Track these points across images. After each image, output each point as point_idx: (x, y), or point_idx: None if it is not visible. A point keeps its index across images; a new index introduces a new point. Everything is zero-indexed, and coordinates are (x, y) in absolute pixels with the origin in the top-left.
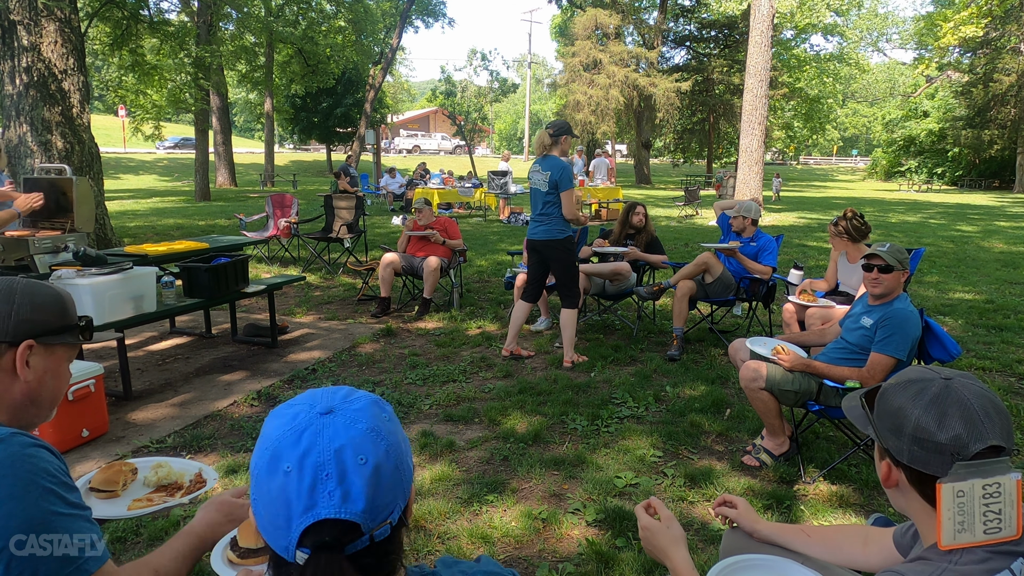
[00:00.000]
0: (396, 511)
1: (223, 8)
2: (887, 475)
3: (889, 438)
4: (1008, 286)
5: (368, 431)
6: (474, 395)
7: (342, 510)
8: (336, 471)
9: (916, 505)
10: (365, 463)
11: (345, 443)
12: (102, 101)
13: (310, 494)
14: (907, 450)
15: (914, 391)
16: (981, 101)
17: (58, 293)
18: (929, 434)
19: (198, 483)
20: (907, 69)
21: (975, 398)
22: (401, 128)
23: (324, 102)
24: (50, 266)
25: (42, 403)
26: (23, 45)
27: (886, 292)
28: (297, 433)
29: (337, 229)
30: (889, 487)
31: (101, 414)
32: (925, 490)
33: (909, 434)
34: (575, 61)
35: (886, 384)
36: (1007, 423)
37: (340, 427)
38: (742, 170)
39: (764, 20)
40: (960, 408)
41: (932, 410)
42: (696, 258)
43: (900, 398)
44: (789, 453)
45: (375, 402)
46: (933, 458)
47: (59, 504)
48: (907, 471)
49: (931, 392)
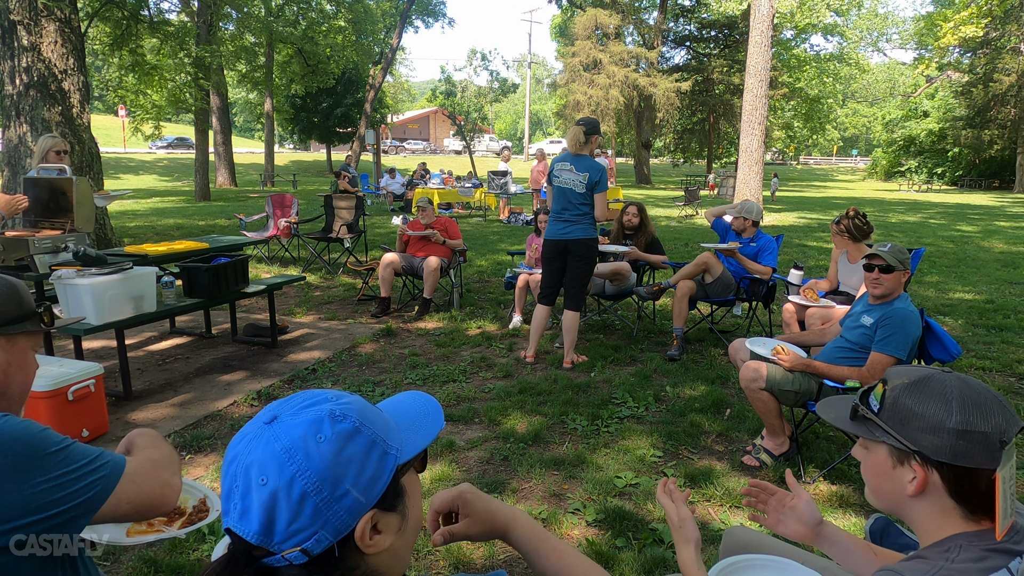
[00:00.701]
0: (317, 540)
1: (223, 8)
2: (922, 481)
3: (925, 438)
4: (1008, 286)
5: (282, 452)
6: (474, 395)
7: (239, 525)
8: (243, 486)
9: (937, 505)
10: (264, 484)
11: (255, 460)
12: (102, 101)
13: (226, 499)
14: (950, 446)
15: (935, 388)
16: (981, 101)
17: (10, 282)
18: (976, 425)
19: (200, 511)
20: (907, 69)
21: (981, 385)
22: (405, 129)
23: (324, 102)
24: (50, 266)
25: (11, 396)
26: (23, 45)
27: (887, 292)
28: (240, 436)
29: (337, 229)
30: (915, 493)
31: (101, 414)
32: (961, 485)
33: (952, 429)
34: (575, 61)
35: (895, 387)
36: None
37: (262, 442)
38: (742, 170)
39: (764, 20)
40: (988, 396)
41: (968, 401)
42: (696, 258)
43: (924, 397)
44: (789, 453)
45: (319, 421)
46: (978, 449)
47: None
48: (945, 471)
49: (952, 385)
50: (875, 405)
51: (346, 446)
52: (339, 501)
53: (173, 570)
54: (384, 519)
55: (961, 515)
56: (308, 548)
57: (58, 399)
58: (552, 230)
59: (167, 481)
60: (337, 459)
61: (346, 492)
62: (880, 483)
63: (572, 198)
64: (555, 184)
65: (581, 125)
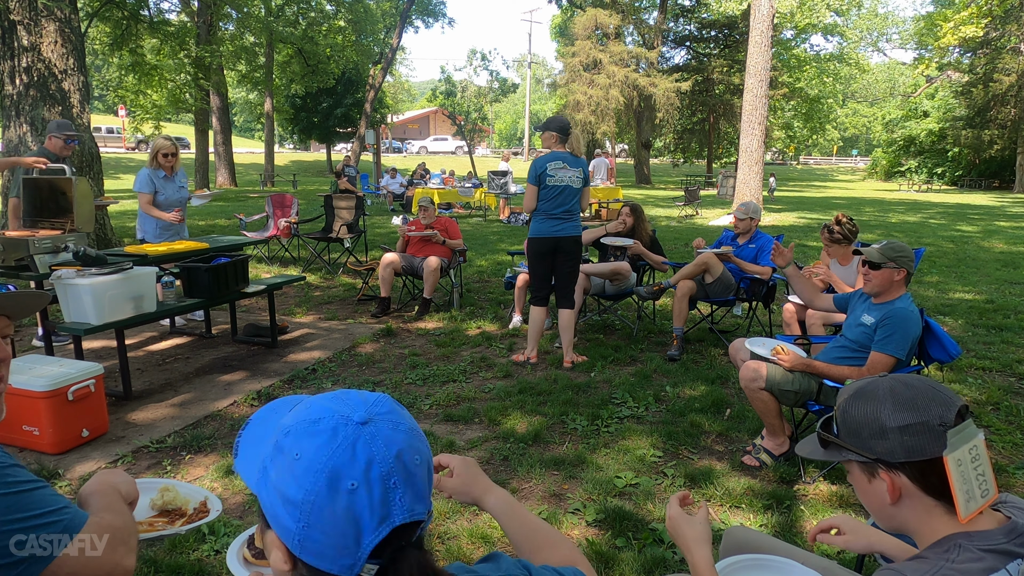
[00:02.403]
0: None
1: (223, 8)
2: (892, 488)
3: (876, 444)
4: (1008, 286)
5: (410, 430)
6: (474, 395)
7: (421, 508)
8: (402, 476)
9: (918, 510)
10: (421, 462)
11: (402, 447)
12: (102, 101)
13: (383, 505)
14: (900, 445)
15: (869, 394)
16: (981, 101)
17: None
18: (912, 418)
19: (201, 512)
20: (907, 69)
21: (915, 379)
22: (405, 129)
23: (324, 102)
24: (50, 266)
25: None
26: (23, 45)
27: (879, 290)
28: (349, 448)
29: (337, 229)
30: (894, 501)
31: (101, 414)
32: (929, 480)
33: (894, 428)
34: (575, 61)
35: (838, 408)
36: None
37: (389, 432)
38: (742, 170)
39: (764, 20)
40: (918, 387)
41: (900, 398)
42: (696, 258)
43: (862, 406)
44: (789, 453)
45: (392, 399)
46: (926, 440)
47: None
48: (908, 470)
49: (884, 388)
50: (836, 428)
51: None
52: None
53: (173, 570)
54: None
55: (944, 511)
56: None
57: (58, 399)
58: (544, 228)
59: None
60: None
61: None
62: (869, 502)
63: (569, 195)
64: (550, 184)
65: (559, 125)
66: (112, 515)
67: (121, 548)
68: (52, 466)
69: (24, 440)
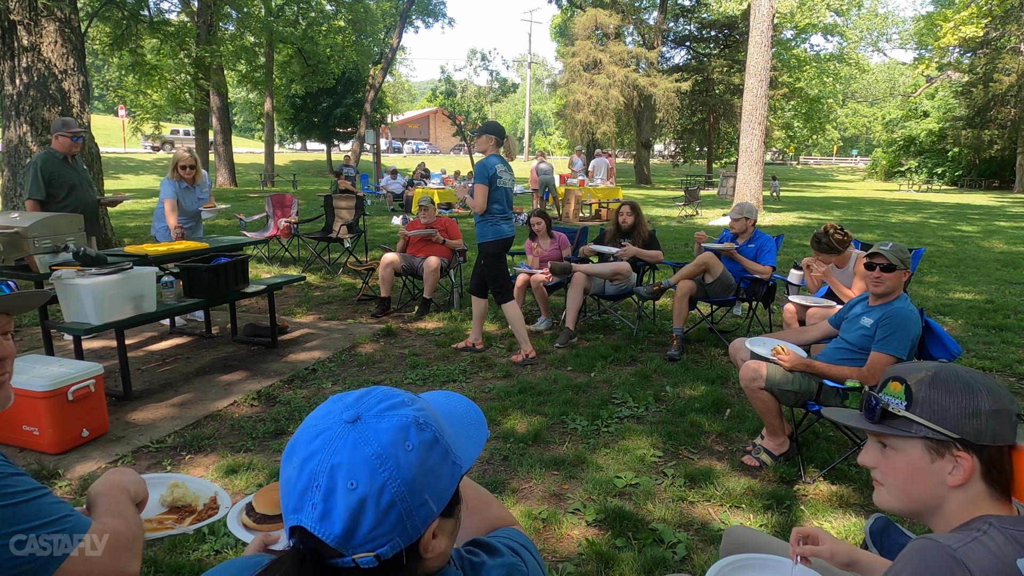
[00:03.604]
0: (391, 546)
1: (223, 8)
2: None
3: (968, 424)
4: (1008, 286)
5: (373, 457)
6: (474, 395)
7: (318, 527)
8: (325, 486)
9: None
10: (354, 489)
11: (343, 462)
12: (102, 101)
13: (299, 497)
14: (988, 428)
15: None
16: (981, 101)
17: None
18: (1003, 404)
19: (211, 509)
20: (907, 69)
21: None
22: (405, 129)
23: (324, 102)
24: (50, 266)
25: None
26: (23, 45)
27: (888, 291)
28: (316, 432)
29: (337, 229)
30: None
31: (101, 414)
32: (994, 467)
33: (988, 411)
34: (575, 61)
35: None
36: None
37: (349, 443)
38: (742, 170)
39: (764, 20)
40: (990, 379)
41: (990, 386)
42: (696, 258)
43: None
44: (789, 453)
45: (405, 427)
46: (1007, 428)
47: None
48: (984, 452)
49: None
50: (898, 403)
51: (428, 456)
52: (419, 510)
53: (173, 570)
54: (443, 525)
55: (989, 497)
56: (382, 554)
57: (58, 399)
58: (503, 229)
59: (121, 567)
60: (422, 469)
61: (424, 502)
62: (913, 481)
63: (510, 197)
64: (500, 185)
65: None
66: (117, 519)
67: (125, 554)
68: (52, 466)
69: (24, 440)
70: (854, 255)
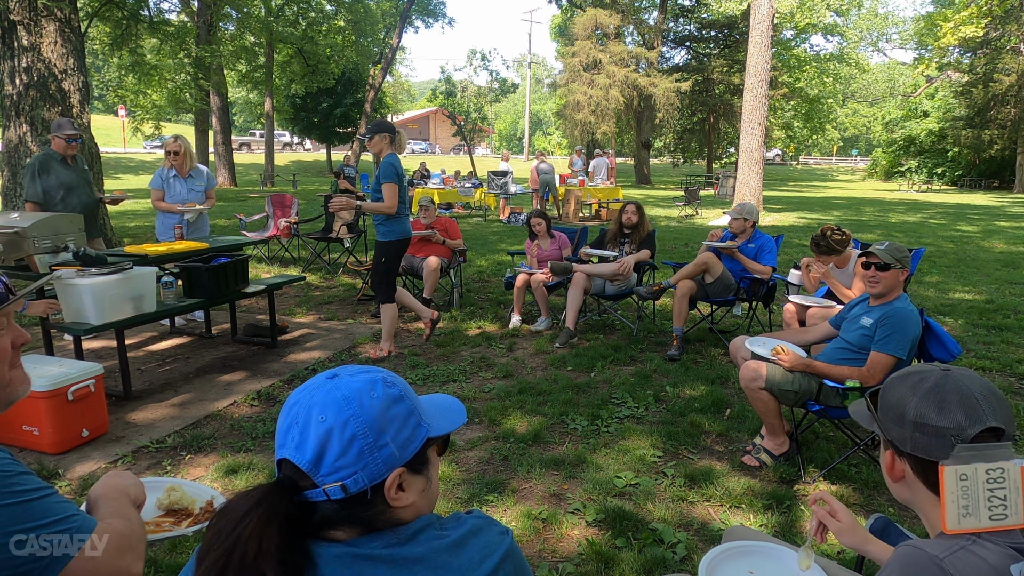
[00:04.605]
0: (355, 480)
1: (223, 8)
2: (891, 466)
3: (892, 428)
4: (1008, 286)
5: (341, 398)
6: (474, 395)
7: (295, 454)
8: (302, 422)
9: (922, 496)
10: (323, 422)
11: (317, 402)
12: (102, 101)
13: (283, 435)
14: (909, 438)
15: (913, 381)
16: (981, 101)
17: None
18: (929, 419)
19: (207, 512)
20: (907, 69)
21: (974, 385)
22: (405, 128)
23: (324, 102)
24: (50, 266)
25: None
26: (23, 45)
27: (885, 291)
28: (304, 387)
29: (337, 229)
30: (895, 480)
31: (101, 414)
32: (929, 478)
33: (910, 421)
34: (575, 61)
35: (888, 380)
36: (1007, 409)
37: (324, 391)
38: (742, 170)
39: (764, 20)
40: (959, 394)
41: (932, 397)
42: (696, 258)
43: (900, 389)
44: (789, 453)
45: (373, 382)
46: (935, 443)
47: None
48: (911, 460)
49: (930, 381)
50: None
51: (392, 406)
52: (380, 450)
53: (173, 570)
54: (410, 479)
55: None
56: (347, 485)
57: (58, 399)
58: (408, 227)
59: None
60: (384, 414)
61: (386, 444)
62: (890, 475)
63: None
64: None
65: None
66: (120, 521)
67: (129, 555)
68: (52, 466)
69: (24, 440)
70: (854, 255)
